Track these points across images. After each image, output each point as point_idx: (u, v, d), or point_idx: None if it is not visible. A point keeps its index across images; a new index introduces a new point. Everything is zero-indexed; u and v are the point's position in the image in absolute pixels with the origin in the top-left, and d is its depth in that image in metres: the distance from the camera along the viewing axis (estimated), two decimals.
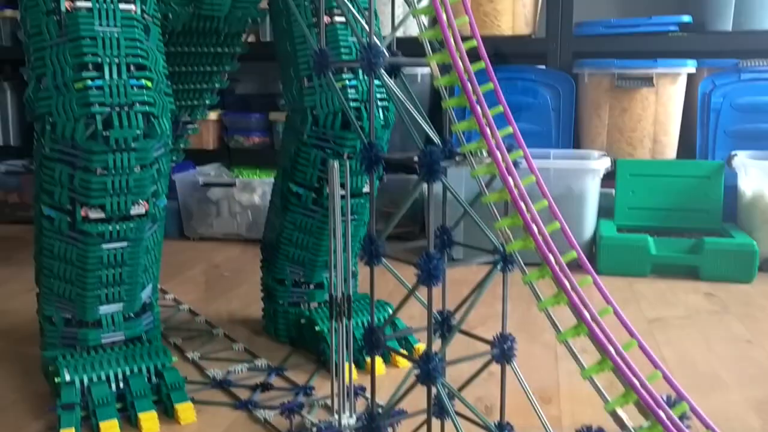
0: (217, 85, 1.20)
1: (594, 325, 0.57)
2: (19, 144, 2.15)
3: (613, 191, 1.62)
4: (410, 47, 0.69)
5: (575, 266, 0.59)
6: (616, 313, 0.60)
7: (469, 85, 0.58)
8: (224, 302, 1.33)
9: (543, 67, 1.77)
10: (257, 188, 1.77)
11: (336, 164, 0.76)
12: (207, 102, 1.23)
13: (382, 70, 0.65)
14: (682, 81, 1.69)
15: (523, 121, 1.72)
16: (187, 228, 1.83)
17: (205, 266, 1.59)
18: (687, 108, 1.72)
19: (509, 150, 0.61)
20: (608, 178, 1.58)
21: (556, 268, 0.57)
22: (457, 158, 0.62)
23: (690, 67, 1.68)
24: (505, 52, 1.79)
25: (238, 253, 1.71)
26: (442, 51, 0.62)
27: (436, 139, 0.70)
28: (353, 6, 0.87)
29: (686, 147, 1.74)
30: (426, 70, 1.78)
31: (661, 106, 1.69)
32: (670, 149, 1.72)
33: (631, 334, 0.61)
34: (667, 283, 1.45)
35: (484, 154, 0.61)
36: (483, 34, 1.77)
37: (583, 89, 1.75)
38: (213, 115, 1.99)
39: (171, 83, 0.91)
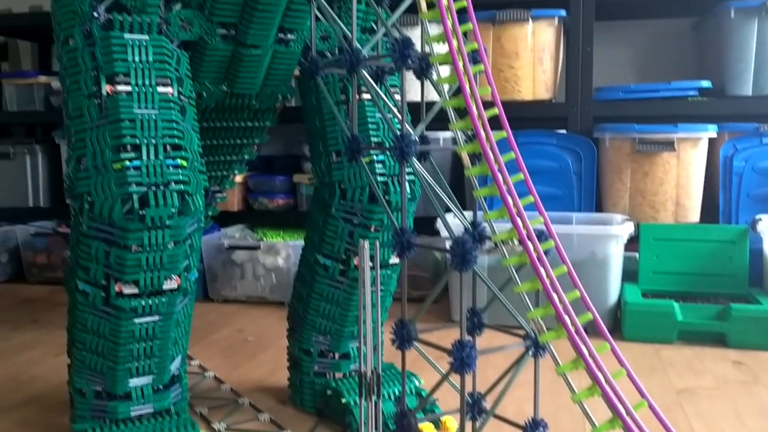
0: (246, 157, 1.23)
1: (607, 386, 0.59)
2: (48, 205, 2.19)
3: (637, 255, 1.62)
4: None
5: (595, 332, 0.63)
6: (629, 376, 0.63)
7: (500, 176, 0.60)
8: (249, 369, 1.34)
9: (564, 131, 1.80)
10: (281, 251, 1.78)
11: (366, 244, 0.77)
12: (236, 172, 1.26)
13: (413, 158, 0.67)
14: (704, 145, 1.70)
15: (545, 184, 1.73)
16: (211, 290, 1.85)
17: (229, 330, 1.60)
18: (709, 171, 1.73)
19: (539, 237, 0.62)
20: (632, 242, 1.58)
21: (576, 337, 0.59)
22: (488, 247, 0.63)
23: (711, 131, 1.69)
24: (526, 117, 1.82)
25: (262, 316, 1.72)
26: (465, 119, 0.64)
27: (465, 223, 0.71)
28: (381, 88, 0.90)
29: (709, 210, 1.74)
30: (448, 133, 1.80)
31: (683, 169, 1.69)
32: (693, 213, 1.72)
33: (642, 394, 0.63)
34: (694, 350, 1.44)
35: (515, 242, 0.62)
36: (504, 99, 1.81)
37: (604, 153, 1.76)
38: (238, 177, 2.03)
39: (202, 156, 0.94)
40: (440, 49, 0.67)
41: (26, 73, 2.20)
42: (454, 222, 1.45)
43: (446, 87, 0.67)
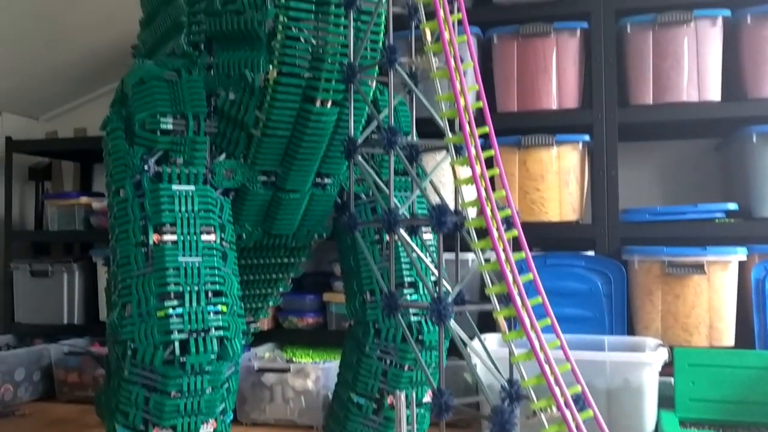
0: (281, 289, 1.26)
1: None
2: (82, 323, 2.23)
3: (672, 380, 1.59)
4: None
5: None
6: None
7: (541, 354, 0.61)
8: None
9: (592, 253, 1.81)
10: (311, 373, 1.78)
11: (402, 395, 0.78)
12: (271, 304, 1.29)
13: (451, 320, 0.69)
14: (734, 268, 1.70)
15: (576, 307, 1.73)
16: (240, 413, 1.84)
17: None
18: (741, 294, 1.72)
19: (577, 404, 0.63)
20: (667, 366, 1.56)
21: None
22: (528, 417, 0.64)
23: (740, 254, 1.69)
24: (553, 238, 1.84)
25: None
26: (493, 262, 0.66)
27: (501, 380, 0.72)
28: (416, 239, 0.93)
29: (744, 333, 1.71)
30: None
31: (715, 293, 1.69)
32: (727, 335, 1.70)
33: None
34: None
35: (554, 410, 0.63)
36: (531, 221, 1.83)
37: (633, 275, 1.77)
38: None
39: (241, 298, 0.97)
40: (464, 172, 0.70)
41: (68, 195, 2.29)
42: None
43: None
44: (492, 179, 0.73)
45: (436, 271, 0.72)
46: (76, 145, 2.35)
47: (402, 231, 0.74)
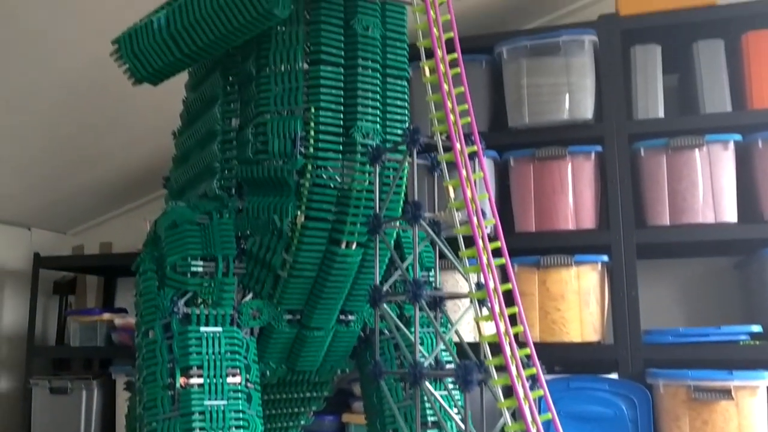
0: (302, 422, 1.25)
1: None
2: None
3: None
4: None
5: None
6: None
7: None
8: None
9: (615, 375, 1.78)
10: None
11: None
12: None
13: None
14: (762, 393, 1.66)
15: None
16: None
17: None
18: None
19: None
20: None
21: None
22: None
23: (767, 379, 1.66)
24: (575, 359, 1.82)
25: None
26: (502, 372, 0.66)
27: None
28: (443, 392, 0.94)
29: None
30: None
31: (744, 419, 1.65)
32: None
33: None
34: None
35: None
36: (552, 342, 1.82)
37: (659, 399, 1.73)
38: None
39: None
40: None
41: (91, 311, 2.31)
42: None
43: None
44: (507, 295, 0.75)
45: (461, 424, 0.72)
46: (101, 261, 2.40)
47: (428, 386, 0.75)
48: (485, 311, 0.73)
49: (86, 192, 2.44)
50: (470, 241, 0.77)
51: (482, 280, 0.76)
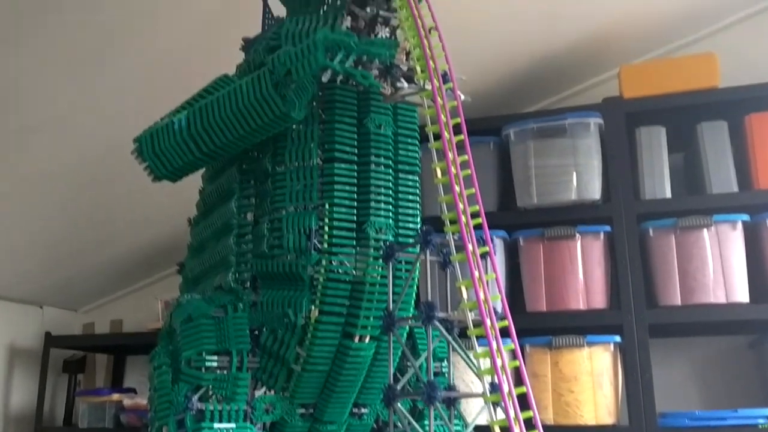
0: None
1: None
2: None
3: None
4: None
5: None
6: None
7: None
8: None
9: None
10: None
11: None
12: None
13: None
14: None
15: None
16: None
17: None
18: None
19: None
20: None
21: None
22: None
23: None
24: None
25: None
26: None
27: None
28: None
29: None
30: None
31: None
32: None
33: None
34: None
35: None
36: (567, 424, 1.80)
37: None
38: None
39: None
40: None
41: (100, 391, 2.30)
42: None
43: None
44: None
45: None
46: (111, 340, 2.40)
47: None
48: (500, 414, 0.74)
49: (98, 270, 2.46)
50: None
51: (496, 380, 0.76)
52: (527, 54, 2.07)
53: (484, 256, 0.84)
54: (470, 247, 0.80)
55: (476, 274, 0.79)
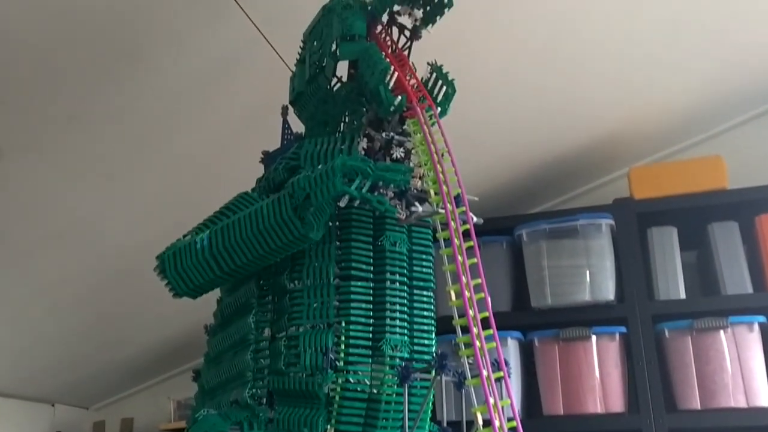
0: None
1: None
2: None
3: None
4: None
5: None
6: None
7: None
8: None
9: None
10: None
11: None
12: None
13: None
14: None
15: None
16: None
17: None
18: None
19: None
20: None
21: None
22: None
23: None
24: None
25: None
26: None
27: None
28: None
29: None
30: None
31: None
32: None
33: None
34: None
35: None
36: None
37: None
38: None
39: None
40: None
41: None
42: None
43: None
44: None
45: None
46: None
47: None
48: None
49: (111, 369, 2.46)
50: None
51: None
52: (537, 159, 2.13)
53: (498, 379, 0.84)
54: (485, 372, 0.81)
55: (491, 401, 0.80)
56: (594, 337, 1.89)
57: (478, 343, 0.82)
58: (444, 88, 1.09)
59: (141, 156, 1.68)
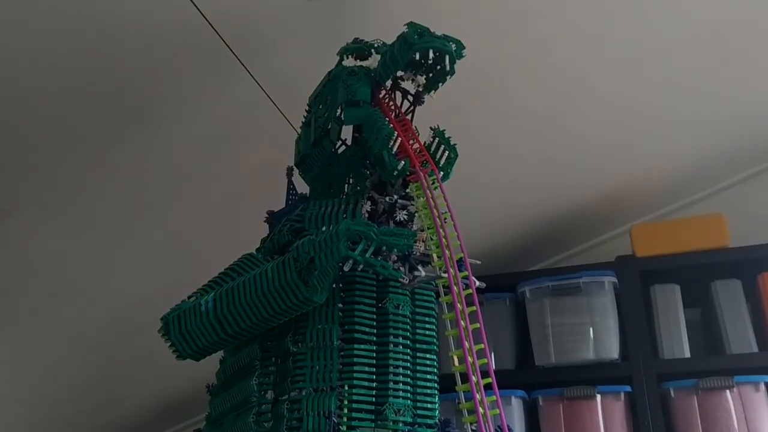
0: None
1: None
2: None
3: None
4: None
5: None
6: None
7: None
8: None
9: None
10: None
11: None
12: None
13: None
14: None
15: None
16: None
17: None
18: None
19: None
20: None
21: None
22: None
23: None
24: None
25: None
26: None
27: None
28: None
29: None
30: None
31: None
32: None
33: None
34: None
35: None
36: None
37: None
38: None
39: None
40: None
41: None
42: None
43: None
44: None
45: None
46: None
47: None
48: None
49: (106, 428, 2.43)
50: None
51: None
52: (538, 216, 2.14)
53: None
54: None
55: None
56: (599, 396, 1.87)
57: (481, 410, 0.82)
58: (446, 152, 1.11)
59: (146, 215, 1.69)
